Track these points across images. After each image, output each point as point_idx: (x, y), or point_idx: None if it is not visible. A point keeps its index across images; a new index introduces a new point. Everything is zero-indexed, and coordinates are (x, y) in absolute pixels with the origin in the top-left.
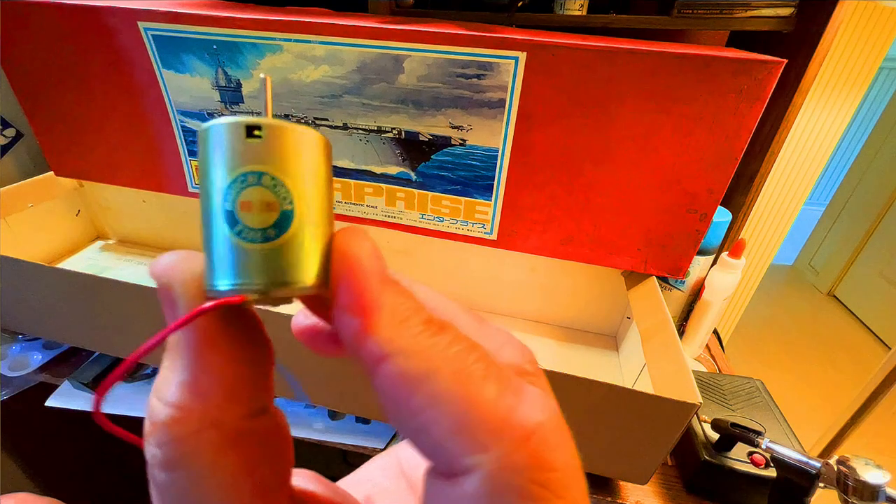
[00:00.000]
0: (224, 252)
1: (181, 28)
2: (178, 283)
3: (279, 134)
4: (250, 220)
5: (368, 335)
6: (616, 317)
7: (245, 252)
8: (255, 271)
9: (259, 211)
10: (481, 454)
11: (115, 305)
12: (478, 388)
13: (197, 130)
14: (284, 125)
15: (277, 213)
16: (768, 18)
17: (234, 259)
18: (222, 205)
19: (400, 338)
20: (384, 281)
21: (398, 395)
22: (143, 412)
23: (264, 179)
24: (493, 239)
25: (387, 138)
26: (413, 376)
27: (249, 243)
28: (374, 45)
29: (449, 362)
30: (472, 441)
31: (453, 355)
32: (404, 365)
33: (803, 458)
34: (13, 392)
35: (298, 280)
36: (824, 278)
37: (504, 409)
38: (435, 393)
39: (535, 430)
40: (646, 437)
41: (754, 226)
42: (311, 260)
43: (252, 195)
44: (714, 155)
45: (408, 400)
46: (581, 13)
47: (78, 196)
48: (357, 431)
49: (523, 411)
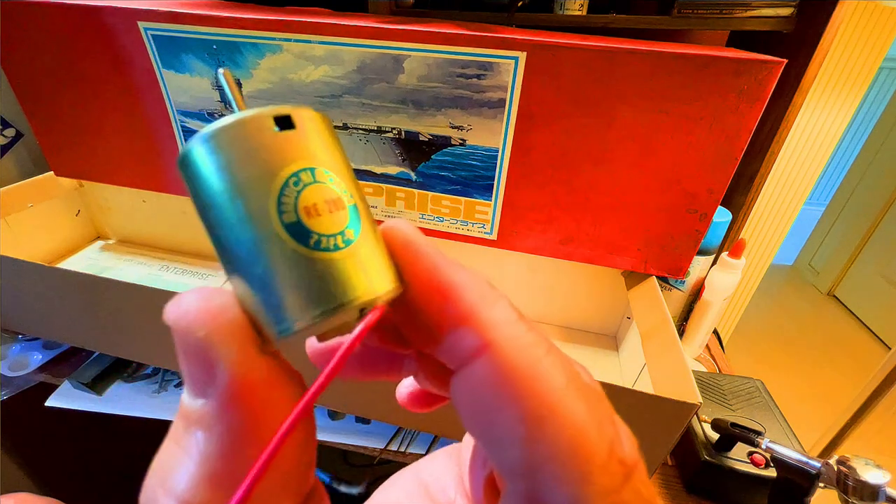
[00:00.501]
0: (300, 275)
1: (181, 28)
2: (225, 335)
3: (310, 119)
4: (323, 226)
5: (465, 320)
6: (616, 317)
7: (330, 264)
8: (351, 282)
9: (329, 212)
10: (585, 487)
11: (115, 305)
12: (584, 412)
13: (190, 148)
14: (304, 109)
15: (346, 210)
16: (768, 18)
17: (318, 279)
18: (279, 219)
19: (502, 324)
20: (457, 264)
21: (496, 400)
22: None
23: (318, 174)
24: (493, 239)
25: (387, 138)
26: (518, 378)
27: (333, 252)
28: (374, 45)
29: (553, 370)
30: (576, 472)
31: (555, 363)
32: (510, 361)
33: (803, 458)
34: (13, 392)
35: (388, 283)
36: (824, 278)
37: (607, 441)
38: (543, 406)
39: (635, 468)
40: (646, 437)
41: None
42: (386, 257)
43: (314, 196)
44: (714, 155)
45: (507, 407)
46: (581, 13)
47: (78, 196)
48: (357, 431)
49: (625, 447)
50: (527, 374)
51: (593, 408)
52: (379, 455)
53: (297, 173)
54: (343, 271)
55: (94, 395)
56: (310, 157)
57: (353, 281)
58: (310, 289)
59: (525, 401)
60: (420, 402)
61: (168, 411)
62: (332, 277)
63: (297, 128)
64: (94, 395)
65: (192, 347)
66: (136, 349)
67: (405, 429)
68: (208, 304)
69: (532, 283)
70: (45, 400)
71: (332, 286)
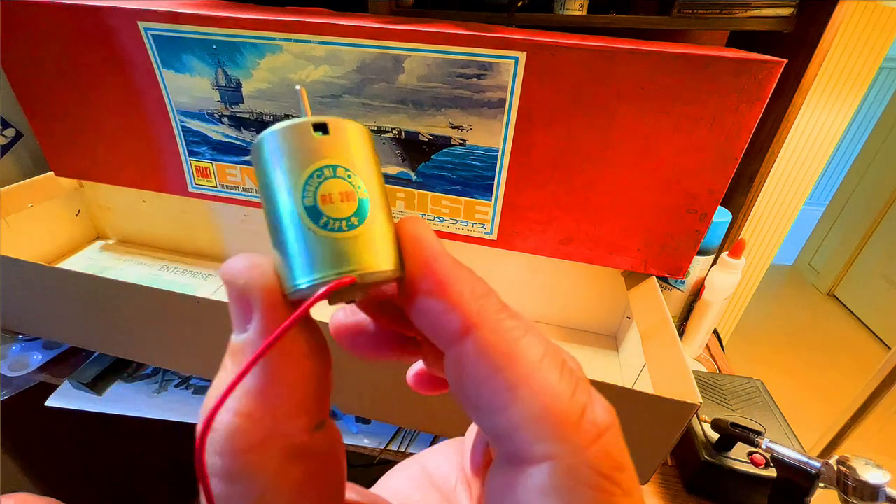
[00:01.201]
0: (308, 247)
1: (181, 28)
2: (259, 287)
3: (343, 127)
4: (333, 211)
5: (453, 307)
6: (616, 317)
7: (333, 242)
8: (345, 259)
9: (339, 201)
10: (555, 443)
11: (115, 305)
12: (557, 380)
13: (252, 142)
14: (343, 121)
15: (356, 201)
16: (768, 18)
17: (320, 252)
18: (301, 202)
19: (485, 311)
20: (456, 261)
21: (478, 372)
22: (143, 412)
23: (338, 171)
24: (493, 239)
25: (387, 138)
26: (497, 354)
27: (336, 233)
28: (374, 45)
29: (531, 348)
30: (549, 429)
31: (534, 342)
32: (490, 340)
33: (803, 458)
34: (13, 392)
35: (383, 265)
36: (824, 278)
37: (580, 405)
38: (517, 376)
39: (607, 430)
40: (646, 437)
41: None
42: (390, 245)
43: (330, 187)
44: (714, 155)
45: (489, 378)
46: (581, 13)
47: (78, 196)
48: (357, 431)
49: (597, 411)
50: (505, 350)
51: (566, 378)
52: (379, 455)
53: (322, 168)
54: (343, 248)
55: (94, 395)
56: (336, 157)
57: (349, 257)
58: (314, 258)
59: (503, 372)
60: (424, 384)
61: (168, 411)
62: (333, 252)
63: (330, 134)
64: (94, 395)
65: (236, 293)
66: (136, 349)
67: (405, 429)
68: (249, 262)
69: (532, 283)
70: (45, 400)
71: (332, 258)
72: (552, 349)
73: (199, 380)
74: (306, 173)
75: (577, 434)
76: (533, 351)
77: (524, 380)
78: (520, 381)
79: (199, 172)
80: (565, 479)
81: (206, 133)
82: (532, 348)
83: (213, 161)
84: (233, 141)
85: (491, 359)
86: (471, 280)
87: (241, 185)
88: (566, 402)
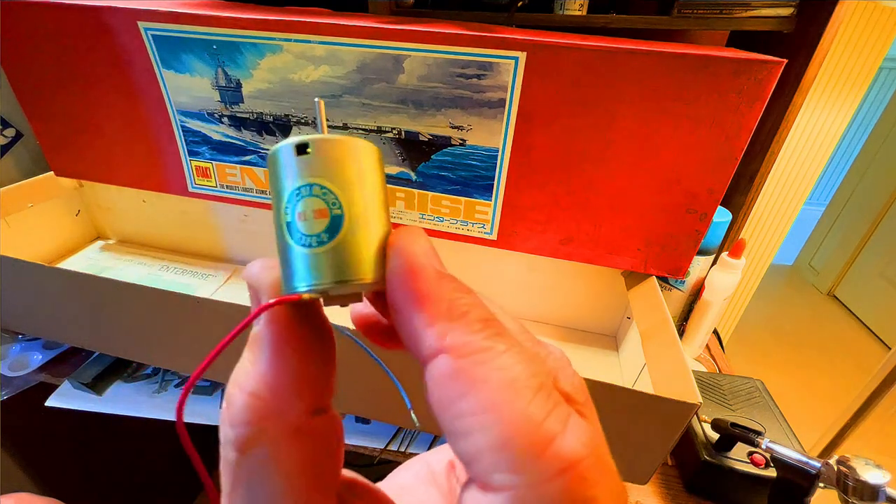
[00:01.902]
0: (290, 259)
1: (181, 28)
2: (264, 288)
3: (326, 147)
4: (305, 228)
5: (425, 327)
6: (616, 317)
7: (305, 256)
8: (315, 272)
9: (312, 218)
10: (514, 475)
11: (115, 305)
12: (524, 407)
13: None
14: (330, 138)
15: (328, 218)
16: (768, 18)
17: (297, 264)
18: (284, 217)
19: (455, 333)
20: (440, 276)
21: (445, 395)
22: (143, 412)
23: (314, 189)
24: (493, 239)
25: (387, 138)
26: (463, 379)
27: (307, 248)
28: (374, 45)
29: (501, 371)
30: (508, 460)
31: (508, 365)
32: (456, 365)
33: (803, 458)
34: (13, 392)
35: (356, 277)
36: (824, 278)
37: (546, 435)
38: (481, 401)
39: (575, 465)
40: (646, 437)
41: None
42: (367, 257)
43: (305, 205)
44: (714, 155)
45: (454, 402)
46: (581, 13)
47: (78, 196)
48: (357, 431)
49: (566, 442)
50: (472, 374)
51: (540, 403)
52: (379, 455)
53: (300, 187)
54: (312, 263)
55: (94, 395)
56: (314, 176)
57: (318, 273)
58: (291, 270)
59: (468, 397)
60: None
61: (168, 411)
62: (304, 265)
63: (311, 153)
64: (94, 395)
65: (251, 292)
66: (136, 349)
67: (405, 429)
68: (262, 265)
69: (532, 284)
70: (45, 400)
71: (302, 272)
72: (534, 370)
73: (199, 380)
74: (287, 193)
75: (537, 467)
76: (505, 374)
77: (490, 406)
78: (485, 407)
79: (199, 172)
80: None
81: (206, 133)
82: (505, 371)
83: (213, 161)
84: (233, 141)
85: (457, 383)
86: (450, 297)
87: (240, 185)
88: (532, 431)
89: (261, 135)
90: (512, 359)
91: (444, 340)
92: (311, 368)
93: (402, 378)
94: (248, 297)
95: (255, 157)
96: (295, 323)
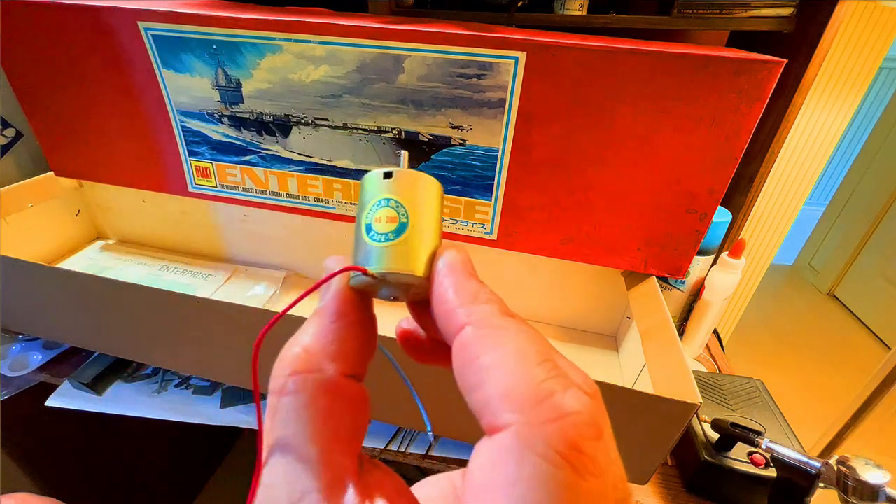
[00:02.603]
0: (364, 250)
1: (181, 28)
2: (338, 267)
3: (403, 177)
4: (380, 228)
5: (456, 308)
6: (616, 317)
7: (376, 249)
8: (378, 261)
9: (385, 222)
10: (517, 414)
11: (115, 305)
12: (531, 368)
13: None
14: (408, 172)
15: (397, 223)
16: (768, 18)
17: (370, 253)
18: (365, 219)
19: (480, 312)
20: (472, 275)
21: (467, 356)
22: (143, 412)
23: (391, 202)
24: (493, 239)
25: (387, 138)
26: (482, 343)
27: (377, 243)
28: (374, 45)
29: (513, 343)
30: (513, 404)
31: (520, 340)
32: (477, 333)
33: (803, 458)
34: (13, 392)
35: (410, 269)
36: (824, 278)
37: (547, 390)
38: (495, 360)
39: (569, 415)
40: (646, 437)
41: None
42: (420, 257)
43: (382, 213)
44: (714, 155)
45: (472, 361)
46: (581, 13)
47: (78, 196)
48: None
49: (564, 398)
50: (487, 341)
51: (544, 368)
52: (379, 455)
53: (380, 200)
54: (378, 254)
55: (94, 395)
56: (392, 193)
57: (383, 262)
58: (364, 257)
59: (482, 357)
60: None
61: (168, 411)
62: (372, 255)
63: (393, 178)
64: (94, 395)
65: (326, 275)
66: (136, 349)
67: (405, 429)
68: (338, 259)
69: (532, 283)
70: (45, 400)
71: (369, 259)
72: (541, 349)
73: (199, 380)
74: (371, 203)
75: (536, 411)
76: (516, 346)
77: (499, 364)
78: (495, 364)
79: (199, 172)
80: (518, 444)
81: (206, 133)
82: (516, 344)
83: (213, 161)
84: (233, 141)
85: (476, 346)
86: (477, 289)
87: (240, 185)
88: (534, 385)
89: (261, 135)
90: (523, 336)
91: (470, 317)
92: (353, 343)
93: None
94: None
95: (255, 157)
96: (351, 304)
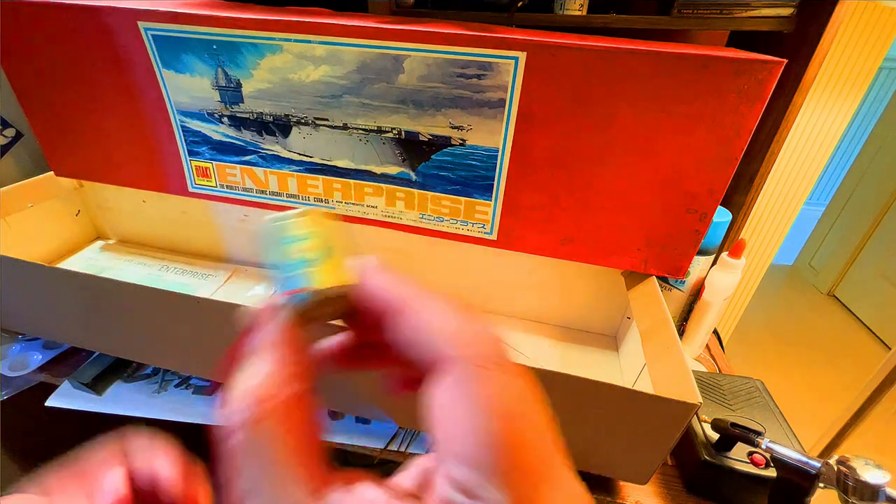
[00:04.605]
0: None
1: (181, 28)
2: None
3: (309, 213)
4: (300, 257)
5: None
6: (616, 317)
7: (302, 275)
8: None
9: (304, 251)
10: (462, 349)
11: (116, 305)
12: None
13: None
14: (311, 210)
15: (316, 250)
16: (768, 18)
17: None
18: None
19: (408, 287)
20: (381, 269)
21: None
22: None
23: (303, 234)
24: (493, 239)
25: (387, 138)
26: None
27: (300, 270)
28: (374, 45)
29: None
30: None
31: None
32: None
33: (803, 458)
34: (13, 392)
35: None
36: (824, 278)
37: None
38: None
39: (491, 342)
40: (646, 437)
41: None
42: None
43: (296, 246)
44: (714, 155)
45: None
46: (581, 13)
47: (78, 196)
48: (357, 431)
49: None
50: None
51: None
52: (379, 455)
53: (298, 235)
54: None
55: (94, 395)
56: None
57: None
58: (291, 286)
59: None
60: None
61: (168, 411)
62: (301, 280)
63: (303, 216)
64: (94, 395)
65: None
66: (136, 349)
67: (405, 429)
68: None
69: (532, 284)
70: (45, 400)
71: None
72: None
73: (199, 380)
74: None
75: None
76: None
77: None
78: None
79: (199, 172)
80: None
81: (206, 133)
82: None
83: (213, 161)
84: (233, 141)
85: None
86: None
87: (240, 185)
88: (449, 331)
89: (261, 135)
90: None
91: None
92: (298, 364)
93: None
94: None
95: (255, 157)
96: (289, 332)
